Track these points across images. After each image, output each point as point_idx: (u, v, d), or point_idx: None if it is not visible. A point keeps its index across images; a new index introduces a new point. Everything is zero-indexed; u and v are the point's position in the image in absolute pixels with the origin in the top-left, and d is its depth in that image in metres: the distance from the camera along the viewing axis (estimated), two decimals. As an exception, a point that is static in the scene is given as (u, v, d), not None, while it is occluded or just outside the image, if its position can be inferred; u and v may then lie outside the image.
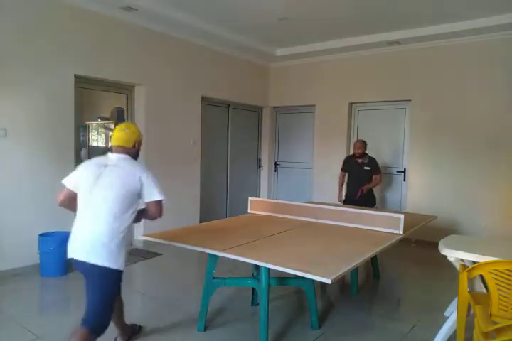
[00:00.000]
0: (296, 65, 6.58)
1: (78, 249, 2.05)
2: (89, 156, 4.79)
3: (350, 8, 4.41)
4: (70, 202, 2.17)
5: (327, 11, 4.54)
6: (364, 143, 5.08)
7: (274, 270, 2.20)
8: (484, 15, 4.51)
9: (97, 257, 2.00)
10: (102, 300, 2.05)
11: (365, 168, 5.05)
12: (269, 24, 5.03)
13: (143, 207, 2.22)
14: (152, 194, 2.14)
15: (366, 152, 5.11)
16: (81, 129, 4.65)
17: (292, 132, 6.94)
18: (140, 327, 2.70)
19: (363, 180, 5.05)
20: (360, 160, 5.07)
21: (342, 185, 5.37)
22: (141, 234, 4.51)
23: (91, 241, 2.02)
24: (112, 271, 2.03)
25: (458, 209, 5.17)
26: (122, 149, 2.24)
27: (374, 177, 5.06)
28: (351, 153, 5.45)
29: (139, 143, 2.34)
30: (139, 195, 2.13)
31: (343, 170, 5.33)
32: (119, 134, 2.25)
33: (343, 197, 5.29)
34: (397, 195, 5.84)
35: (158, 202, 2.17)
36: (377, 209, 4.59)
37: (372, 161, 5.08)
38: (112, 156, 2.22)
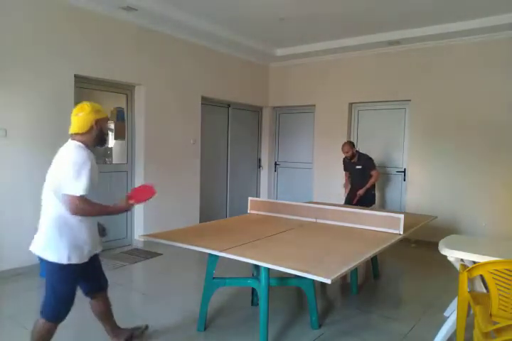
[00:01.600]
0: (296, 65, 6.58)
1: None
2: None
3: (350, 8, 4.41)
4: None
5: (327, 11, 4.53)
6: (350, 144, 5.01)
7: (274, 270, 2.20)
8: (484, 15, 4.51)
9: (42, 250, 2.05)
10: (49, 292, 2.09)
11: (357, 167, 5.05)
12: (269, 24, 5.03)
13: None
14: (67, 186, 1.95)
15: (357, 150, 5.12)
16: (81, 129, 4.65)
17: (292, 132, 6.94)
18: (146, 327, 2.63)
19: (358, 180, 5.06)
20: (352, 161, 5.09)
21: (348, 184, 5.32)
22: (140, 234, 4.52)
23: (40, 233, 2.06)
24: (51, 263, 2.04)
25: (458, 209, 5.17)
26: (79, 136, 2.08)
27: (370, 173, 5.00)
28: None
29: (100, 123, 2.11)
30: None
31: (344, 169, 5.36)
32: (72, 120, 2.09)
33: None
34: (397, 195, 5.84)
35: (71, 197, 1.94)
36: (377, 209, 4.60)
37: (363, 159, 5.03)
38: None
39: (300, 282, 2.81)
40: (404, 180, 5.73)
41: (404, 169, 5.73)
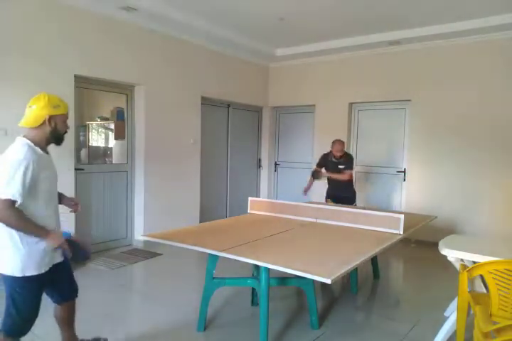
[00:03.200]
0: (296, 65, 6.57)
1: None
2: (89, 156, 4.79)
3: (350, 8, 4.41)
4: None
5: (327, 11, 4.53)
6: (344, 144, 4.96)
7: (274, 270, 2.20)
8: (484, 15, 4.51)
9: None
10: (10, 305, 1.93)
11: (339, 166, 4.91)
12: (269, 24, 5.03)
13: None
14: None
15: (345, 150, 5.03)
16: (81, 129, 4.65)
17: (292, 132, 6.94)
18: (105, 340, 2.44)
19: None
20: (336, 160, 4.94)
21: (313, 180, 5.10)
22: (141, 234, 4.52)
23: None
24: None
25: (458, 209, 5.17)
26: (29, 131, 1.90)
27: (344, 171, 4.88)
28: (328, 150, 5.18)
29: (55, 120, 1.93)
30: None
31: (320, 165, 5.08)
32: (25, 112, 1.91)
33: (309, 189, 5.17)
34: (396, 195, 5.84)
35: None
36: (377, 209, 4.59)
37: (348, 159, 4.93)
38: None
39: (300, 282, 2.81)
40: (404, 180, 5.73)
41: (404, 169, 5.73)
